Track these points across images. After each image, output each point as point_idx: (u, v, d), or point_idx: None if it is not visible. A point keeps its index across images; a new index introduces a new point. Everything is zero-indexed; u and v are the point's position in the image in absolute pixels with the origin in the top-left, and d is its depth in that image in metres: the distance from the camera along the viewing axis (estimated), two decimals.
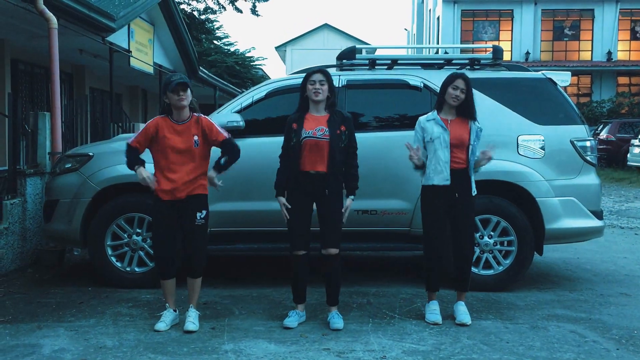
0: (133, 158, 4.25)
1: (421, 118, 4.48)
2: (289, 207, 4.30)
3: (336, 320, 4.29)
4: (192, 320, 4.24)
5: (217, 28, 26.54)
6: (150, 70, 12.66)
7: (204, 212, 4.27)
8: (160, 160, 4.22)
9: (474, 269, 5.21)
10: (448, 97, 4.35)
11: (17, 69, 10.77)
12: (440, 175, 4.32)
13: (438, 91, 5.33)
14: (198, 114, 4.30)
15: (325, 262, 4.33)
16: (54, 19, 7.19)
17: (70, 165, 5.45)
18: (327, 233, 4.31)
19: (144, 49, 12.12)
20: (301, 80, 4.40)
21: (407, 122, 5.39)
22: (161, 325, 4.23)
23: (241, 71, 25.39)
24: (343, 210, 4.30)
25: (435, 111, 4.44)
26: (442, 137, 4.32)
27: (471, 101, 4.37)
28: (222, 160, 4.31)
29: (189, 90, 4.21)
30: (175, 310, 4.38)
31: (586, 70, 26.53)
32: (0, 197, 5.92)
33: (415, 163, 4.39)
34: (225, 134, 4.31)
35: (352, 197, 4.34)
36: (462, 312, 4.40)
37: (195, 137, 4.21)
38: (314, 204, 4.35)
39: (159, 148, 4.21)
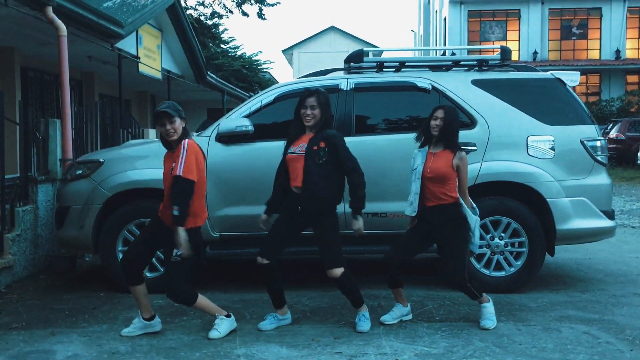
0: None
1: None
2: (263, 227, 4.40)
3: (361, 324, 4.29)
4: (216, 328, 4.18)
5: (223, 31, 26.62)
6: (159, 75, 12.72)
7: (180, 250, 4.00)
8: None
9: (485, 271, 5.21)
10: (432, 130, 4.36)
11: (27, 77, 10.85)
12: (410, 206, 4.40)
13: (446, 93, 5.35)
14: (187, 139, 4.08)
15: (333, 282, 4.29)
16: (63, 27, 7.24)
17: (81, 171, 5.49)
18: (325, 255, 4.24)
19: (152, 55, 12.18)
20: (310, 84, 4.41)
21: (415, 125, 5.38)
22: (124, 330, 4.25)
23: (248, 75, 25.43)
24: (354, 232, 4.22)
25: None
26: (418, 169, 4.36)
27: (449, 132, 4.31)
28: (174, 210, 3.94)
29: (177, 122, 4.05)
30: (149, 319, 4.25)
31: (595, 69, 26.37)
32: (12, 204, 5.96)
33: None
34: (180, 171, 3.93)
35: (359, 216, 4.21)
36: (482, 315, 4.36)
37: (174, 164, 4.03)
38: (303, 225, 4.33)
39: None
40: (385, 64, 5.70)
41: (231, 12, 24.05)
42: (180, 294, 4.13)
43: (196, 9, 23.92)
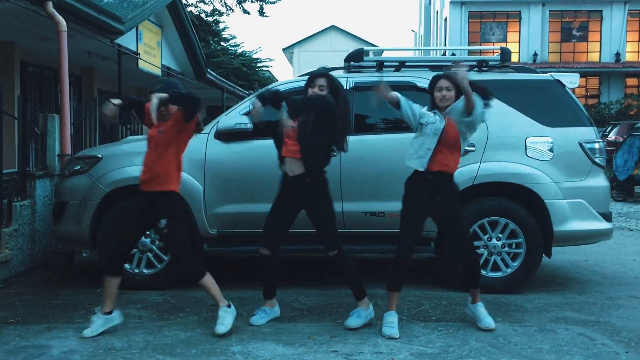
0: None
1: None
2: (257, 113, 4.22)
3: (352, 319, 4.31)
4: (221, 322, 4.15)
5: (224, 29, 26.61)
6: (158, 72, 12.70)
7: (163, 221, 4.12)
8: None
9: (482, 272, 5.20)
10: (438, 101, 4.23)
11: (26, 71, 10.83)
12: (419, 159, 4.14)
13: None
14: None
15: (334, 261, 4.36)
16: (63, 22, 7.23)
17: (79, 167, 5.48)
18: (324, 237, 4.33)
19: (152, 51, 12.17)
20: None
21: None
22: (86, 332, 4.10)
23: (248, 73, 25.41)
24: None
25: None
26: (436, 124, 4.15)
27: (466, 92, 4.05)
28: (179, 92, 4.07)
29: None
30: (109, 313, 4.19)
31: (594, 71, 26.42)
32: (10, 198, 5.96)
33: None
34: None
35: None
36: (481, 316, 4.32)
37: (162, 128, 4.12)
38: (299, 208, 4.36)
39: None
40: (385, 63, 5.71)
41: (232, 9, 24.02)
42: (187, 263, 4.18)
43: (197, 6, 23.90)
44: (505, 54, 5.66)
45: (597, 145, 5.37)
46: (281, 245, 4.47)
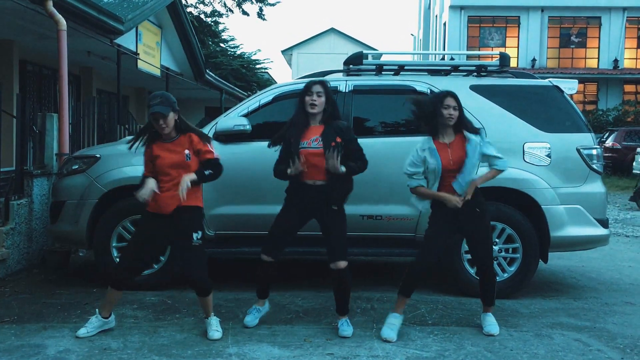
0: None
1: (418, 146, 4.27)
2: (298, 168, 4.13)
3: (345, 328, 4.25)
4: (216, 329, 4.16)
5: (223, 30, 26.64)
6: (157, 72, 12.71)
7: (200, 232, 4.13)
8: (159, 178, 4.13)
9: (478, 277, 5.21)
10: (444, 119, 4.13)
11: (26, 70, 10.83)
12: (422, 202, 4.33)
13: None
14: (190, 132, 4.15)
15: (335, 275, 4.24)
16: (63, 21, 7.23)
17: (77, 166, 5.48)
18: (333, 247, 4.22)
19: (151, 52, 12.17)
20: None
21: (413, 128, 5.39)
22: (81, 331, 4.11)
23: (247, 74, 25.42)
24: (331, 161, 4.09)
25: (430, 138, 4.23)
26: (437, 169, 4.16)
27: (464, 116, 4.21)
28: (207, 171, 4.14)
29: (170, 115, 4.05)
30: (106, 317, 4.22)
31: (592, 77, 26.47)
32: (7, 197, 5.95)
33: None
34: (215, 155, 4.19)
35: (343, 167, 4.13)
36: (491, 322, 4.34)
37: (187, 152, 4.09)
38: (311, 217, 4.29)
39: (157, 169, 4.12)
40: (384, 67, 5.73)
41: (231, 11, 24.07)
42: (205, 280, 4.16)
43: (196, 7, 23.93)
44: (504, 59, 5.68)
45: (594, 152, 5.39)
46: (284, 252, 4.41)
